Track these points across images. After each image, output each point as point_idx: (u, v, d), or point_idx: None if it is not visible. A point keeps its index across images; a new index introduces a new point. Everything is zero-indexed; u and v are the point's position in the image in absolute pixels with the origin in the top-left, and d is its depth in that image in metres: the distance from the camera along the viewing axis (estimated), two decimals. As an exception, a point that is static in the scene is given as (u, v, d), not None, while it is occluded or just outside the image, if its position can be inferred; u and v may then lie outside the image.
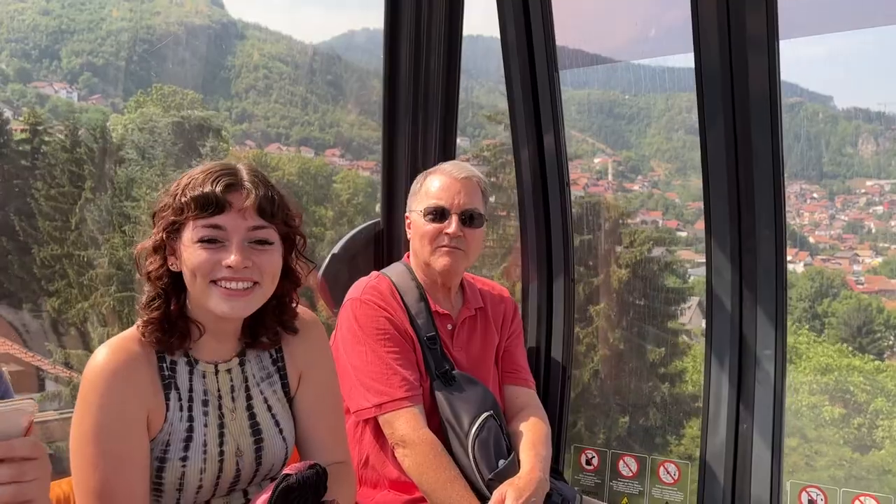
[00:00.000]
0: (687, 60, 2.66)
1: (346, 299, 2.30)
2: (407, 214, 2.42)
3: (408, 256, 2.44)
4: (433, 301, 2.35)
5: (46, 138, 32.10)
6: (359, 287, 2.31)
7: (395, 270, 2.40)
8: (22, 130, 32.99)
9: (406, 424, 2.11)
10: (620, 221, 21.57)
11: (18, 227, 27.70)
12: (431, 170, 2.41)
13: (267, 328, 1.75)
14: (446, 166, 2.39)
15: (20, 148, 31.74)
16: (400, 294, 2.30)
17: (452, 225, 2.28)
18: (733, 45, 2.55)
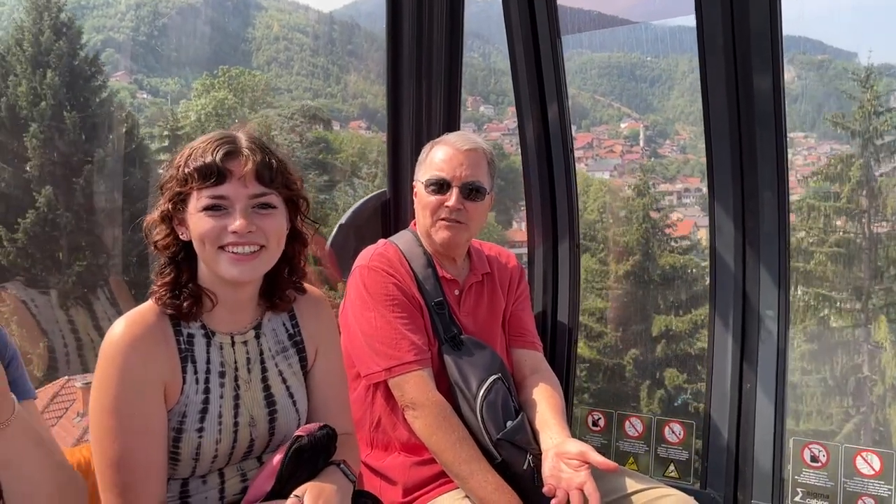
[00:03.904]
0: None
1: (354, 267, 2.33)
2: (413, 183, 2.44)
3: (415, 224, 2.46)
4: (440, 267, 2.37)
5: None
6: (366, 255, 2.34)
7: (402, 238, 2.42)
8: (162, 137, 31.13)
9: (415, 387, 2.15)
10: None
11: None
12: (438, 140, 2.42)
13: (282, 290, 1.80)
14: (452, 137, 2.39)
15: (161, 157, 29.94)
16: (407, 261, 2.33)
17: (453, 198, 2.29)
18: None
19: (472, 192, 2.31)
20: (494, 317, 2.45)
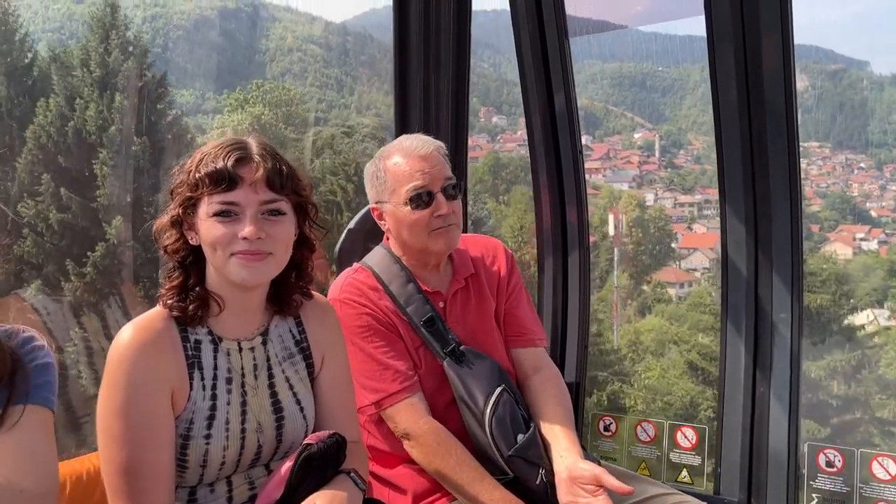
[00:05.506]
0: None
1: (328, 300, 2.28)
2: (374, 206, 2.31)
3: (387, 239, 2.36)
4: (421, 282, 2.28)
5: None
6: (337, 286, 2.26)
7: (376, 258, 2.32)
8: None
9: (406, 417, 2.11)
10: None
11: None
12: (386, 153, 2.27)
13: (289, 295, 1.80)
14: (405, 144, 2.25)
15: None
16: (384, 283, 2.24)
17: (443, 206, 2.18)
18: (745, 4, 2.52)
19: (454, 190, 2.22)
20: (486, 319, 2.36)
